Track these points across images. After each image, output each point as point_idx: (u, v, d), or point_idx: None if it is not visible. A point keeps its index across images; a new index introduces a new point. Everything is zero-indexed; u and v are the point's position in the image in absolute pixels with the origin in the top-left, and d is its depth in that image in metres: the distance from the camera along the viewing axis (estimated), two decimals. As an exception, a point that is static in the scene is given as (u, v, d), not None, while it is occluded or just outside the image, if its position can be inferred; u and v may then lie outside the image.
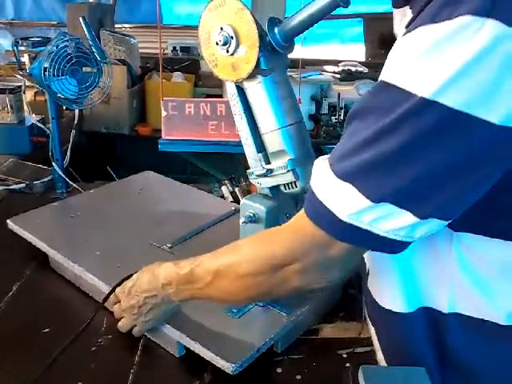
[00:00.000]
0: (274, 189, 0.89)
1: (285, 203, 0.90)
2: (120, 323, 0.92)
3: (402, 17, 0.71)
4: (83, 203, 1.31)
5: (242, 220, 0.88)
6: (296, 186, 0.85)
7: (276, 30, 0.80)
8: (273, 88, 0.83)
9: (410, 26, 0.54)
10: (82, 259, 1.02)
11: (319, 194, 0.60)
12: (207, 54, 0.82)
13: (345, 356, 0.90)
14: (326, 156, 0.62)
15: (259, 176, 0.88)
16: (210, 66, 0.84)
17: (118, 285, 0.91)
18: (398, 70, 0.53)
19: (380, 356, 0.77)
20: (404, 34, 0.54)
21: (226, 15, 0.79)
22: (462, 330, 0.65)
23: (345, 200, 0.57)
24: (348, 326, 0.97)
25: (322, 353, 0.91)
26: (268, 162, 0.87)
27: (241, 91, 0.86)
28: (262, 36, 0.79)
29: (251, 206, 0.87)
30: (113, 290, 0.92)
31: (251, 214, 0.87)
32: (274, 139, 0.85)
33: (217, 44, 0.80)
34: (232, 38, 0.79)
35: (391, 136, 0.52)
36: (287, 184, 0.86)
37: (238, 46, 0.79)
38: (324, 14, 0.77)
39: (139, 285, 0.87)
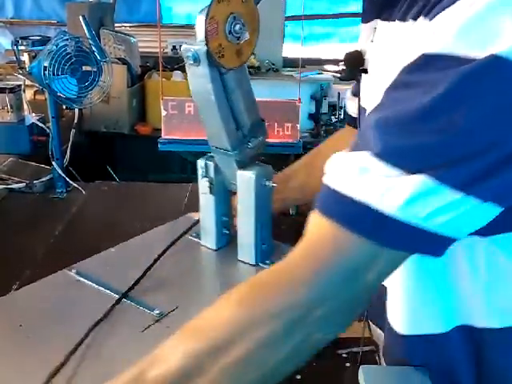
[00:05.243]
0: None
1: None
2: None
3: (369, 32, 0.71)
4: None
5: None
6: (264, 144, 0.97)
7: None
8: (245, 66, 0.91)
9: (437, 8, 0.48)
10: None
11: (357, 192, 0.47)
12: (214, 46, 0.82)
13: (345, 356, 0.90)
14: (341, 153, 0.51)
15: (252, 148, 0.94)
16: (214, 58, 0.83)
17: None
18: (448, 37, 0.46)
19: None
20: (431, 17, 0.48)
21: (236, 5, 0.82)
22: (504, 344, 0.59)
23: (399, 190, 0.45)
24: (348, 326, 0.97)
25: (322, 353, 0.91)
26: (245, 136, 0.94)
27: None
28: None
29: (250, 177, 0.93)
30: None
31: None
32: (256, 111, 0.95)
33: (229, 33, 0.82)
34: (244, 25, 0.83)
35: (454, 107, 0.45)
36: (261, 145, 0.97)
37: (245, 32, 0.85)
38: None
39: None
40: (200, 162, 1.02)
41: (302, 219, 1.34)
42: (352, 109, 1.03)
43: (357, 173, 0.48)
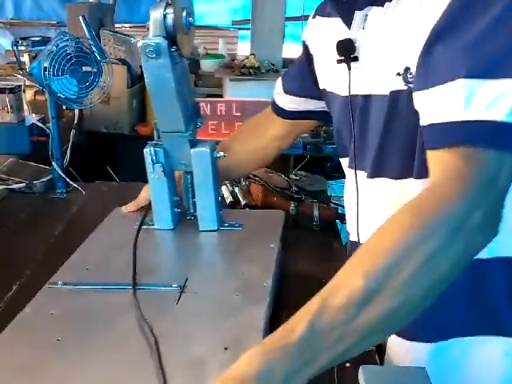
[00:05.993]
0: None
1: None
2: None
3: (361, 19, 0.75)
4: None
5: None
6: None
7: None
8: None
9: None
10: None
11: (465, 114, 0.54)
12: (179, 38, 0.89)
13: (345, 356, 0.90)
14: (425, 92, 0.59)
15: (199, 126, 1.04)
16: (179, 49, 0.92)
17: None
18: None
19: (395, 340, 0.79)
20: None
21: (183, 1, 0.91)
22: None
23: (501, 99, 0.53)
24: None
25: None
26: (191, 117, 1.02)
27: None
28: None
29: (205, 151, 1.03)
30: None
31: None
32: (193, 94, 1.05)
33: (186, 26, 0.91)
34: (190, 17, 0.93)
35: None
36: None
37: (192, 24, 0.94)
38: None
39: None
40: (149, 151, 1.05)
41: (302, 219, 1.34)
42: (281, 101, 1.12)
43: (459, 98, 0.54)
